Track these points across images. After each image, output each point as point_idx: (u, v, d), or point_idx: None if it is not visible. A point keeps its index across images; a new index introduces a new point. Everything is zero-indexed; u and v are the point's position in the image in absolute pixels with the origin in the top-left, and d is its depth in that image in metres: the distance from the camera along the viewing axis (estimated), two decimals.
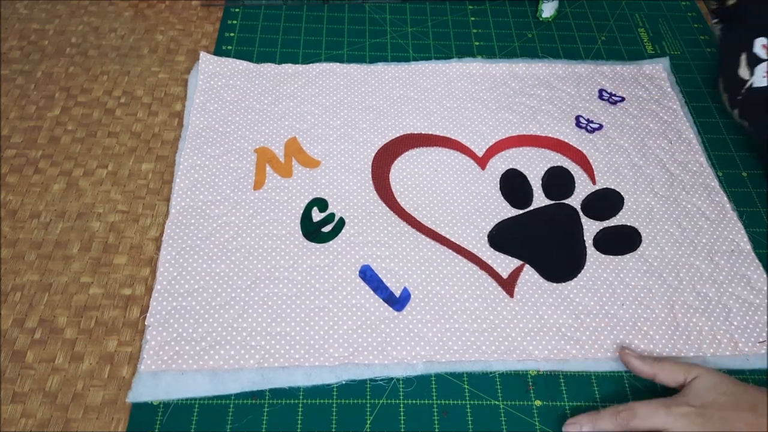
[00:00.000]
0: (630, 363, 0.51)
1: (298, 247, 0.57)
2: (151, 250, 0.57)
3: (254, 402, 0.49)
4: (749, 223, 0.62)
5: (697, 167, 0.66)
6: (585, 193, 0.63)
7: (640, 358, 0.51)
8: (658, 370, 0.50)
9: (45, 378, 0.49)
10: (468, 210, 0.61)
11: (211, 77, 0.70)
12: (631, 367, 0.51)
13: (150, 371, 0.49)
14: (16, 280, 0.55)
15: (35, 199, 0.60)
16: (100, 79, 0.71)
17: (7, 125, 0.66)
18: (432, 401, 0.50)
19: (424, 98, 0.70)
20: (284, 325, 0.52)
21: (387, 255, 0.57)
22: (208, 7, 0.80)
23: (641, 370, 0.50)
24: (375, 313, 0.53)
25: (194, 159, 0.62)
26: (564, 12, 0.83)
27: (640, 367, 0.50)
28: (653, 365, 0.50)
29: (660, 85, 0.73)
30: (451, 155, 0.65)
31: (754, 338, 0.54)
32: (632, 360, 0.51)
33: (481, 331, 0.53)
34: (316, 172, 0.63)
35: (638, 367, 0.50)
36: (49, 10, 0.78)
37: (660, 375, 0.50)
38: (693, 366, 0.49)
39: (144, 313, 0.53)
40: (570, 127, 0.69)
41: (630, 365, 0.51)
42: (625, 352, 0.51)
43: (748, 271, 0.58)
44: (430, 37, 0.78)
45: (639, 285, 0.57)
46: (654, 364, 0.50)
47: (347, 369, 0.50)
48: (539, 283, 0.56)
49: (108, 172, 0.62)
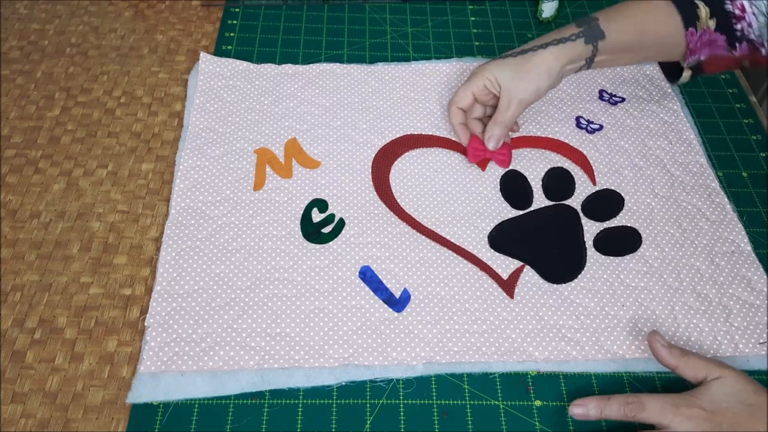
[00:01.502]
0: (656, 350, 0.49)
1: (298, 247, 0.57)
2: (151, 250, 0.57)
3: (254, 402, 0.49)
4: (749, 223, 0.62)
5: (697, 168, 0.66)
6: (585, 194, 0.63)
7: (667, 348, 0.49)
8: (682, 363, 0.48)
9: (45, 378, 0.49)
10: (468, 211, 0.61)
11: (211, 77, 0.70)
12: (656, 354, 0.49)
13: (150, 372, 0.49)
14: (16, 280, 0.55)
15: (35, 199, 0.60)
16: (100, 79, 0.71)
17: (7, 125, 0.66)
18: (432, 401, 0.50)
19: (425, 98, 0.70)
20: (284, 326, 0.52)
21: (387, 256, 0.57)
22: (208, 7, 0.80)
23: (665, 361, 0.49)
24: (375, 314, 0.53)
25: (194, 159, 0.62)
26: (564, 12, 0.83)
27: (665, 358, 0.49)
28: (678, 358, 0.48)
29: (660, 86, 0.73)
30: (451, 156, 0.65)
31: (754, 339, 0.54)
32: (659, 348, 0.49)
33: (481, 332, 0.53)
34: (316, 172, 0.63)
35: (664, 358, 0.49)
36: (49, 10, 0.78)
37: (682, 368, 0.48)
38: (718, 365, 0.47)
39: (144, 313, 0.53)
40: (570, 128, 0.69)
41: (655, 352, 0.49)
42: (655, 338, 0.49)
43: (748, 272, 0.58)
44: (430, 37, 0.78)
45: (639, 286, 0.57)
46: (679, 357, 0.48)
47: (347, 370, 0.50)
48: (539, 284, 0.56)
49: (108, 172, 0.62)
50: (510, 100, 0.61)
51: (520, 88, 0.60)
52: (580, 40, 0.60)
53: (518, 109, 0.61)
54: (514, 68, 0.60)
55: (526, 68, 0.60)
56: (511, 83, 0.60)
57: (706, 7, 0.60)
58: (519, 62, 0.60)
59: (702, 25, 0.60)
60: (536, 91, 0.61)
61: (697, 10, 0.60)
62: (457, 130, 0.65)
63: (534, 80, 0.60)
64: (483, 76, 0.61)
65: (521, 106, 0.61)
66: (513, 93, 0.60)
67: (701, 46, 0.61)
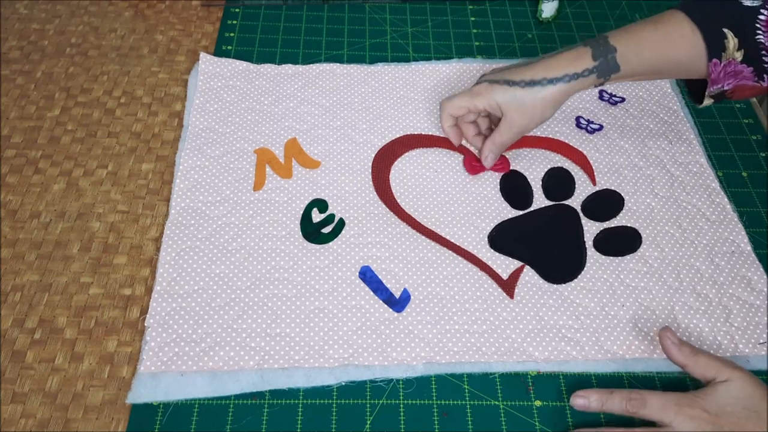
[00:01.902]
0: (666, 347, 0.49)
1: (298, 248, 0.57)
2: (151, 250, 0.57)
3: (254, 402, 0.49)
4: (749, 223, 0.62)
5: (697, 168, 0.66)
6: (585, 194, 0.63)
7: (677, 346, 0.48)
8: (691, 362, 0.48)
9: (45, 378, 0.49)
10: (468, 211, 0.61)
11: (211, 78, 0.70)
12: (666, 351, 0.49)
13: (149, 372, 0.49)
14: (16, 280, 0.55)
15: (35, 199, 0.60)
16: (100, 79, 0.71)
17: (7, 125, 0.66)
18: (432, 401, 0.50)
19: (425, 99, 0.70)
20: (284, 327, 0.52)
21: (387, 256, 0.57)
22: (208, 7, 0.80)
23: (675, 359, 0.48)
24: (375, 315, 0.53)
25: (194, 160, 0.62)
26: (564, 12, 0.83)
27: (675, 356, 0.48)
28: (688, 356, 0.48)
29: (660, 86, 0.73)
30: (451, 156, 0.65)
31: (754, 339, 0.54)
32: (670, 345, 0.48)
33: (481, 332, 0.53)
34: (316, 172, 0.63)
35: (674, 355, 0.48)
36: (49, 10, 0.78)
37: (692, 367, 0.48)
38: (729, 367, 0.47)
39: (144, 313, 0.53)
40: (570, 128, 0.69)
41: (665, 349, 0.49)
42: (666, 335, 0.49)
43: (748, 272, 0.58)
44: (430, 37, 0.78)
45: (639, 286, 0.57)
46: (690, 355, 0.48)
47: (347, 370, 0.50)
48: (539, 284, 0.56)
49: (108, 172, 0.62)
50: (511, 127, 0.60)
51: (525, 120, 0.59)
52: (592, 76, 0.58)
53: (518, 136, 0.61)
54: (521, 101, 0.58)
55: (533, 101, 0.58)
56: (515, 114, 0.59)
57: (735, 38, 0.55)
58: (527, 95, 0.58)
59: (728, 57, 0.56)
60: (540, 122, 0.60)
61: (725, 41, 0.55)
62: (448, 132, 0.64)
63: (539, 113, 0.59)
64: (486, 98, 0.59)
65: (521, 134, 0.61)
66: (516, 122, 0.59)
67: (725, 77, 0.57)
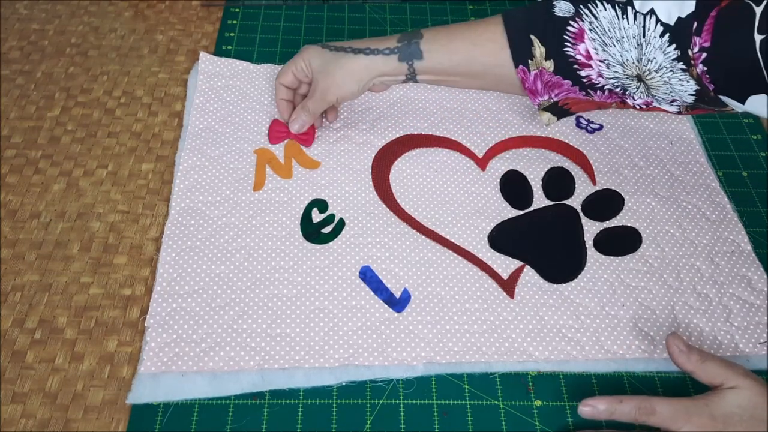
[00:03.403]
0: (674, 355, 0.47)
1: (298, 248, 0.57)
2: (151, 250, 0.57)
3: (254, 402, 0.49)
4: (749, 223, 0.62)
5: (697, 168, 0.66)
6: (585, 193, 0.63)
7: (686, 354, 0.47)
8: (699, 370, 0.47)
9: (45, 378, 0.49)
10: (468, 211, 0.61)
11: (211, 77, 0.70)
12: (674, 359, 0.48)
13: (150, 372, 0.49)
14: (16, 280, 0.55)
15: (35, 199, 0.60)
16: (100, 79, 0.71)
17: (7, 125, 0.66)
18: (432, 401, 0.50)
19: (424, 99, 0.70)
20: (284, 327, 0.52)
21: (387, 256, 0.57)
22: (208, 7, 0.80)
23: (683, 366, 0.47)
24: (375, 315, 0.53)
25: (194, 160, 0.62)
26: None
27: (683, 364, 0.47)
28: (696, 364, 0.47)
29: None
30: (451, 156, 0.65)
31: (754, 339, 0.54)
32: (678, 354, 0.47)
33: (481, 332, 0.53)
34: (316, 173, 0.63)
35: (682, 363, 0.47)
36: (49, 10, 0.78)
37: (699, 374, 0.47)
38: (737, 374, 0.46)
39: (144, 313, 0.53)
40: (570, 128, 0.69)
41: (673, 357, 0.48)
42: (674, 342, 0.47)
43: (748, 272, 0.58)
44: None
45: (639, 286, 0.57)
46: (697, 363, 0.46)
47: (347, 371, 0.50)
48: (539, 284, 0.56)
49: (108, 172, 0.62)
50: (315, 91, 0.60)
51: (327, 84, 0.60)
52: (394, 56, 0.59)
53: (322, 104, 0.61)
54: (326, 63, 0.59)
55: (335, 67, 0.59)
56: (319, 76, 0.60)
57: (541, 47, 0.56)
58: (332, 58, 0.59)
59: (537, 65, 0.57)
60: (340, 94, 0.60)
61: (531, 48, 0.57)
62: (278, 105, 0.65)
63: (338, 83, 0.59)
64: (301, 58, 0.61)
65: (324, 102, 0.61)
66: (319, 86, 0.60)
67: (544, 88, 0.58)
